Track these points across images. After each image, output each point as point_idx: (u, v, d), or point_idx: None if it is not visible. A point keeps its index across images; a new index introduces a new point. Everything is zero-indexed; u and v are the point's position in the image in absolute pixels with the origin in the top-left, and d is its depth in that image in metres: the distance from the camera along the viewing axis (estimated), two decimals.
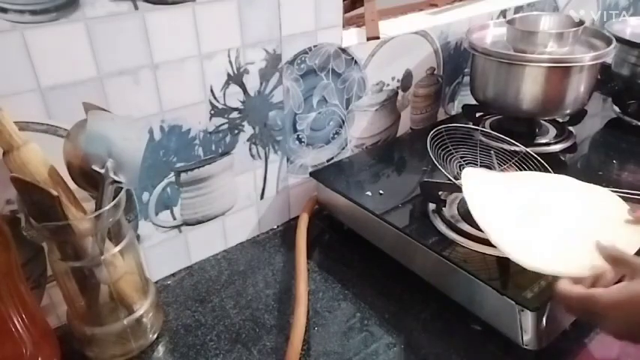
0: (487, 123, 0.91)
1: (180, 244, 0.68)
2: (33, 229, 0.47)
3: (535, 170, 0.69)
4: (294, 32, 0.66)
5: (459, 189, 0.63)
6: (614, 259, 0.49)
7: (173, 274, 0.69)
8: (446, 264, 0.57)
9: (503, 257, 0.57)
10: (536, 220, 0.56)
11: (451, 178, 0.63)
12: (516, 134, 0.77)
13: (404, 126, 0.90)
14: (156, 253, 0.66)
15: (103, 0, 0.50)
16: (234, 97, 0.64)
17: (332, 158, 0.81)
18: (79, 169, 0.48)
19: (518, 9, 0.99)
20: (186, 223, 0.67)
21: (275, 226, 0.78)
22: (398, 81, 0.84)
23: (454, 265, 0.57)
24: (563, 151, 0.82)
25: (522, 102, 0.79)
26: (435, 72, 0.89)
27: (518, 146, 0.73)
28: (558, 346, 0.54)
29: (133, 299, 0.55)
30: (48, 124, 0.51)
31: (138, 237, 0.63)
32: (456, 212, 0.65)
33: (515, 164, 0.71)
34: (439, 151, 0.68)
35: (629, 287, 0.44)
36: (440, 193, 0.67)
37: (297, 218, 0.74)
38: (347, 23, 0.79)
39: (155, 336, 0.58)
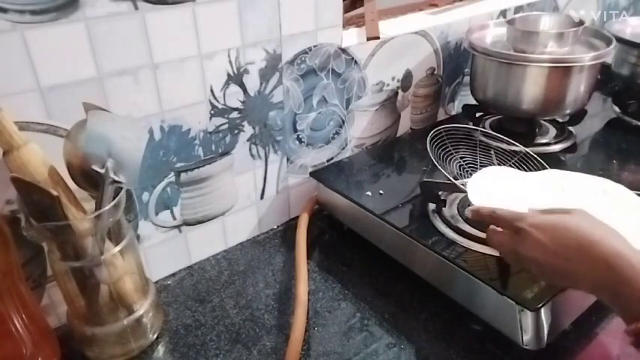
0: (487, 123, 0.91)
1: (180, 244, 0.68)
2: (33, 229, 0.47)
3: (535, 170, 0.69)
4: (294, 32, 0.66)
5: (458, 189, 0.63)
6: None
7: (173, 274, 0.69)
8: (446, 264, 0.58)
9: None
10: None
11: (451, 178, 0.63)
12: (516, 134, 0.77)
13: (404, 126, 0.90)
14: (156, 253, 0.66)
15: (103, 0, 0.50)
16: (234, 97, 0.64)
17: (332, 158, 0.81)
18: (79, 169, 0.48)
19: (518, 9, 0.99)
20: (186, 223, 0.67)
21: (275, 226, 0.78)
22: (398, 81, 0.84)
23: (454, 265, 0.57)
24: (563, 151, 0.82)
25: (522, 102, 0.79)
26: (435, 72, 0.89)
27: (518, 146, 0.73)
28: (558, 346, 0.54)
29: (133, 299, 0.55)
30: (48, 124, 0.51)
31: (138, 237, 0.63)
32: (456, 212, 0.65)
33: (515, 164, 0.71)
34: (439, 151, 0.68)
35: (553, 217, 0.47)
36: (440, 193, 0.67)
37: (297, 218, 0.74)
38: (347, 23, 0.79)
39: (155, 336, 0.58)
